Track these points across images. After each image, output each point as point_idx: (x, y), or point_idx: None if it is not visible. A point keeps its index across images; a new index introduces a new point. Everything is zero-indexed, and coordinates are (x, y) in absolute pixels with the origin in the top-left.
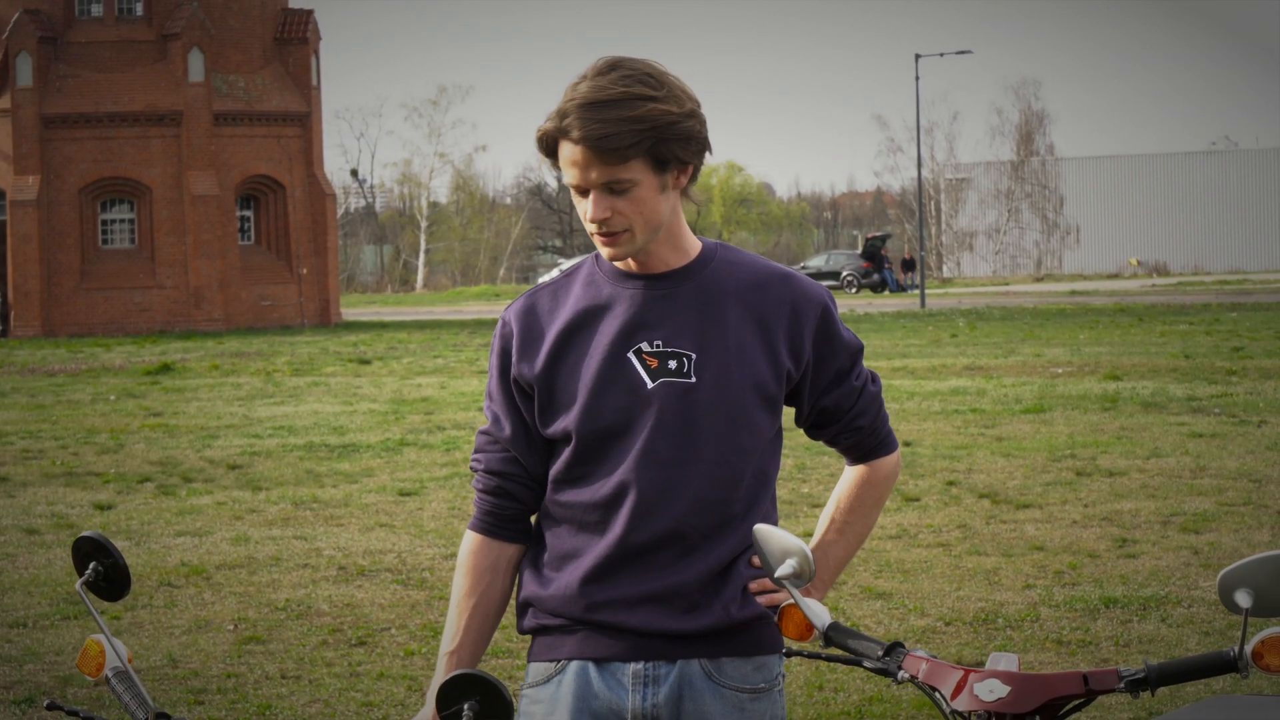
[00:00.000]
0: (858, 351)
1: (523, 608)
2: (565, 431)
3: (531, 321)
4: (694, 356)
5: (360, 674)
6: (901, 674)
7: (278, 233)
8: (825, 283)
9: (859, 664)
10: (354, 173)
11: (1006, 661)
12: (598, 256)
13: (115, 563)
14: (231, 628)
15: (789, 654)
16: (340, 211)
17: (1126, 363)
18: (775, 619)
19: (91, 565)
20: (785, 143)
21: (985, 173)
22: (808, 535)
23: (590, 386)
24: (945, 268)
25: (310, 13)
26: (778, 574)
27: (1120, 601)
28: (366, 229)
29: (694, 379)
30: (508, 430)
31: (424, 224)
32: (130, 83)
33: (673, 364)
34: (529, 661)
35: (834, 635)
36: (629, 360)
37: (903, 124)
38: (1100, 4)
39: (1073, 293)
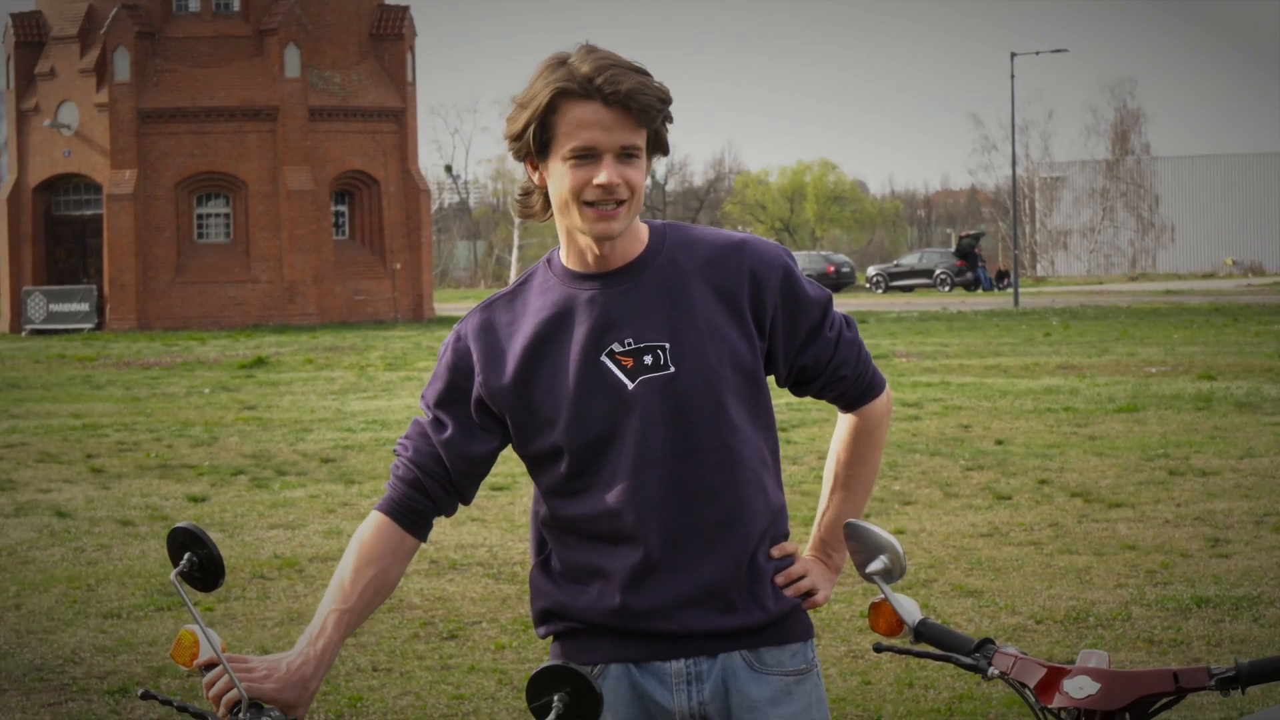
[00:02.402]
0: (827, 302)
1: (545, 616)
2: (554, 447)
3: (491, 339)
4: (668, 346)
5: (451, 667)
6: (991, 670)
7: (372, 228)
8: (918, 281)
9: (949, 660)
10: (448, 169)
11: (1097, 659)
12: (549, 261)
13: (210, 553)
14: None
15: (879, 649)
16: (434, 207)
17: (1221, 362)
18: (817, 600)
19: (186, 556)
20: (879, 141)
21: (1080, 171)
22: (900, 533)
23: (572, 398)
24: (1039, 266)
25: (406, 8)
26: (869, 570)
27: (1212, 601)
28: (460, 225)
29: (672, 369)
30: (448, 434)
31: (517, 220)
32: (226, 78)
33: (648, 359)
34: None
35: (924, 631)
36: (604, 364)
37: (997, 122)
38: (1196, 2)
39: (1167, 292)
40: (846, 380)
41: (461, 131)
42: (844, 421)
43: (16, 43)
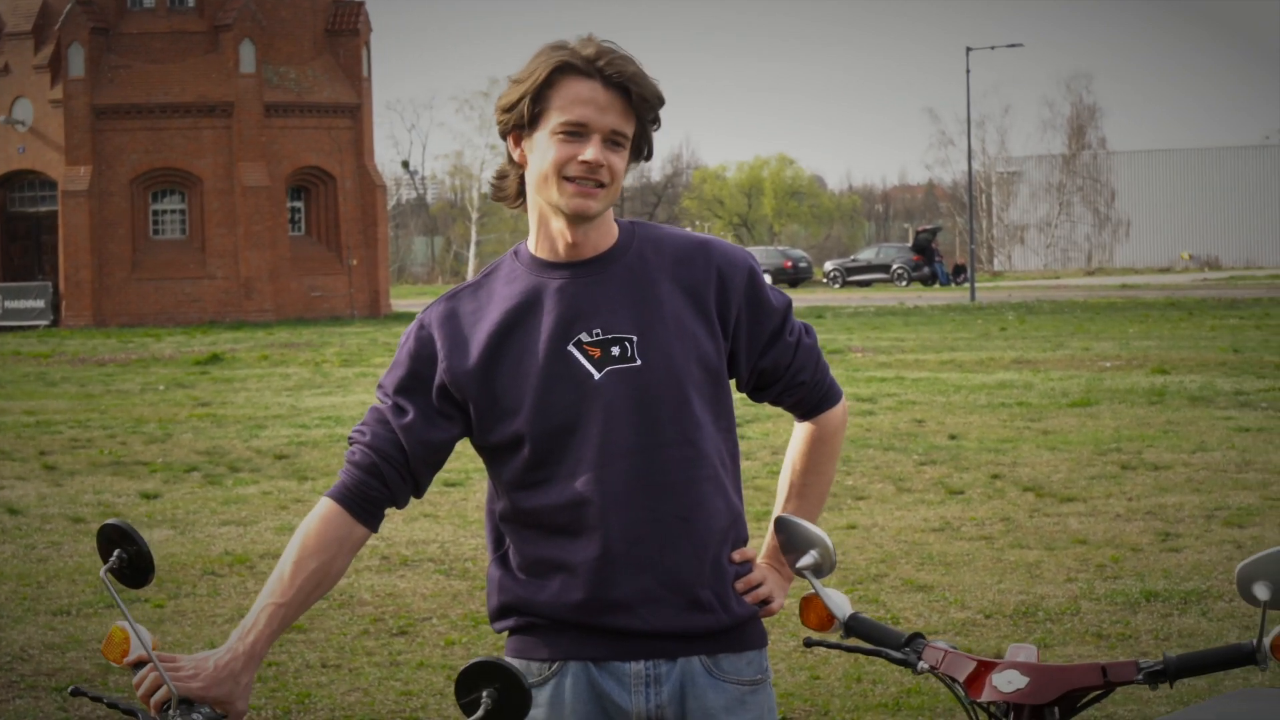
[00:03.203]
0: (787, 308)
1: (504, 611)
2: (515, 435)
3: (455, 327)
4: (635, 339)
5: (400, 663)
6: (921, 664)
7: (328, 224)
8: (875, 275)
9: (879, 654)
10: (405, 164)
11: (1025, 653)
12: (516, 251)
13: (140, 550)
14: None
15: (810, 644)
16: (391, 203)
17: (1175, 357)
18: (772, 609)
19: (116, 553)
20: (837, 135)
21: (1036, 166)
22: (852, 528)
23: (536, 386)
24: (996, 261)
25: (361, 4)
26: (799, 565)
27: (1161, 595)
28: (417, 220)
29: (639, 362)
30: (409, 419)
31: (475, 216)
32: (182, 74)
33: (615, 350)
34: (509, 656)
35: (854, 625)
36: (570, 354)
37: (954, 117)
38: None
39: (1123, 286)
40: (805, 386)
41: (418, 127)
42: (800, 430)
43: None
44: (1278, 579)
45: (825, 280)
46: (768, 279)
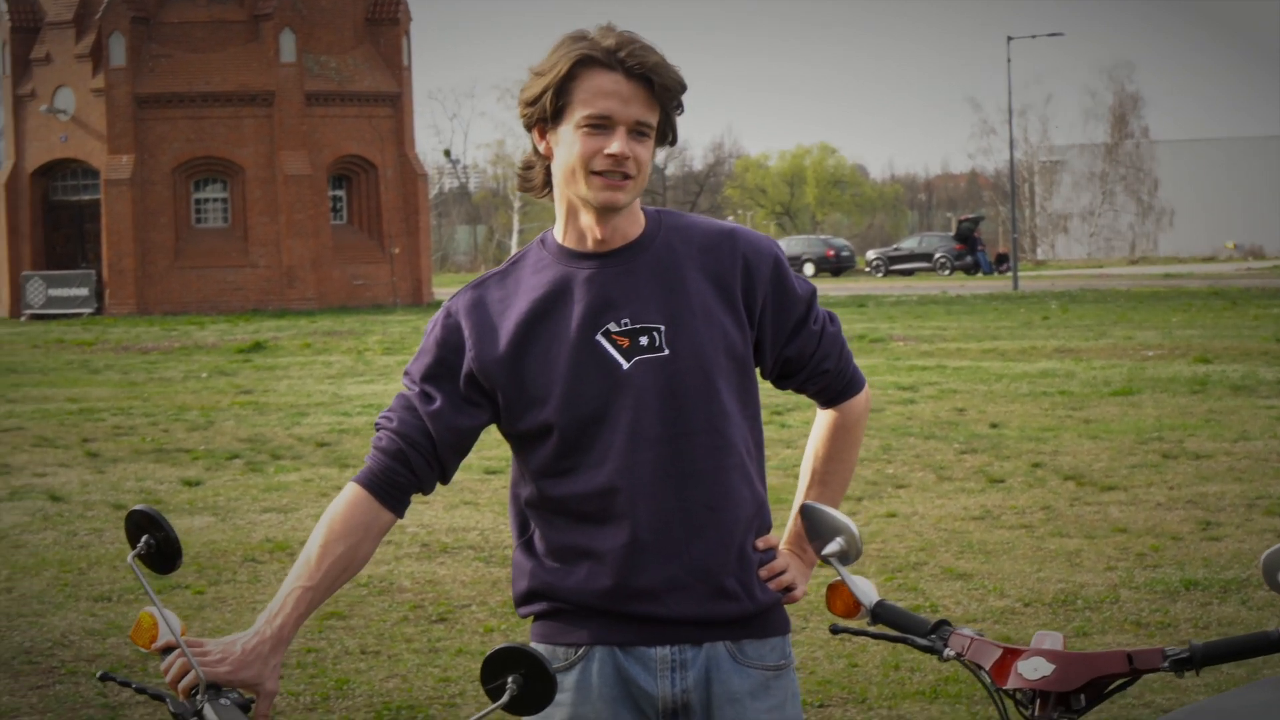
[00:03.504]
0: (812, 296)
1: (530, 597)
2: (544, 424)
3: (483, 315)
4: (663, 329)
5: (439, 650)
6: (947, 652)
7: (370, 212)
8: (917, 264)
9: (905, 641)
10: (447, 153)
11: (1051, 640)
12: (543, 240)
13: (167, 536)
14: None
15: (836, 630)
16: (434, 192)
17: (1218, 346)
18: (794, 596)
19: (143, 538)
20: (879, 125)
21: (1079, 155)
22: (892, 516)
23: (565, 375)
24: (1039, 250)
25: None
26: (825, 552)
27: (1201, 584)
28: (460, 209)
29: (667, 351)
30: (436, 406)
31: (517, 204)
32: (222, 63)
33: (644, 340)
34: (535, 642)
35: (881, 612)
36: (599, 343)
37: (996, 106)
38: None
39: (1166, 276)
40: (829, 374)
41: (460, 116)
42: (823, 417)
43: (12, 28)
44: None
45: (868, 269)
46: (810, 268)
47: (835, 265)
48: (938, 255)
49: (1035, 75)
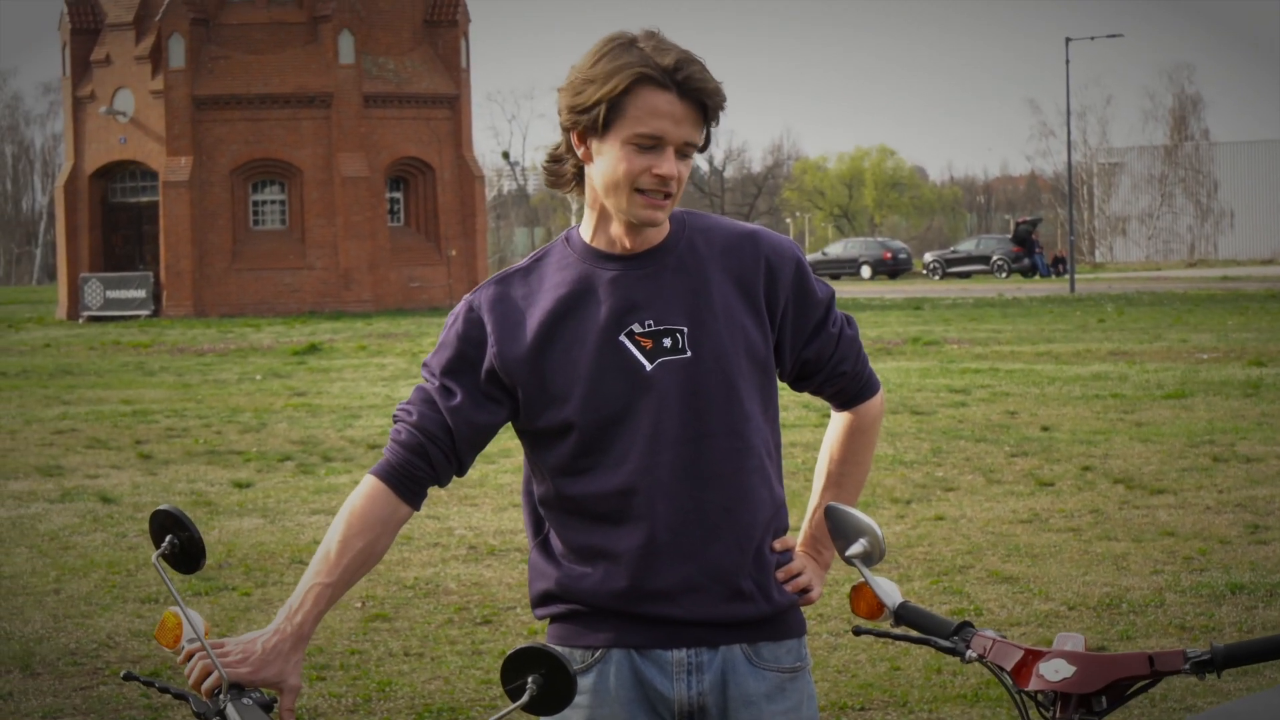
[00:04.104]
0: (831, 299)
1: (546, 598)
2: (564, 423)
3: (507, 310)
4: (686, 330)
5: (483, 652)
6: (969, 653)
7: (427, 214)
8: (974, 267)
9: (928, 643)
10: (505, 155)
11: (1073, 642)
12: (568, 238)
13: (191, 536)
14: (359, 605)
15: (859, 632)
16: (492, 194)
17: (1273, 349)
18: (811, 598)
19: (168, 538)
20: (938, 127)
21: (1138, 157)
22: (940, 519)
23: (588, 375)
24: (1097, 253)
25: None
26: (849, 553)
27: (1247, 588)
28: (518, 211)
29: (690, 353)
30: (456, 401)
31: (575, 207)
32: (281, 65)
33: (667, 342)
34: (550, 643)
35: (904, 614)
36: (623, 344)
37: (1055, 108)
38: None
39: (1224, 278)
40: (846, 376)
41: (519, 118)
42: (838, 420)
43: (72, 30)
44: None
45: (925, 271)
46: (867, 271)
47: (892, 268)
48: (995, 258)
49: (1094, 77)
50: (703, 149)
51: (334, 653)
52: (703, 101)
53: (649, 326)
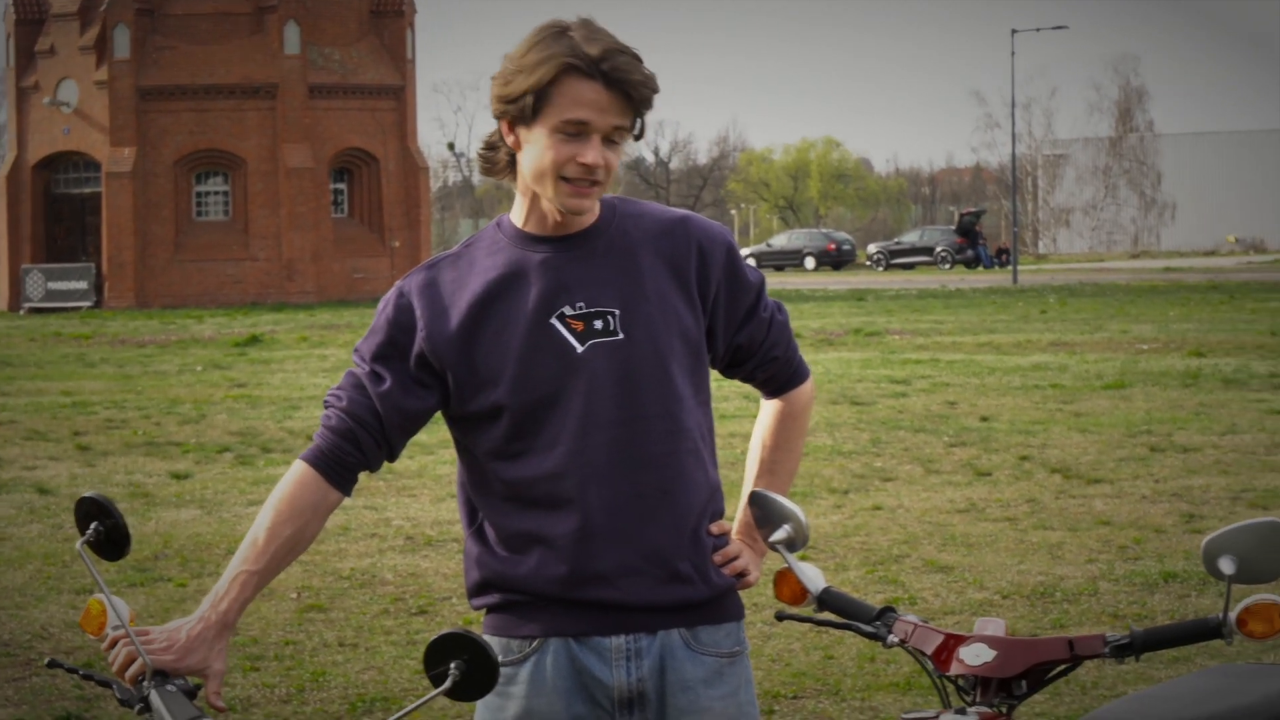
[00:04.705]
0: (761, 284)
1: (482, 587)
2: (495, 406)
3: (436, 296)
4: (618, 313)
5: (418, 642)
6: (890, 638)
7: (371, 206)
8: (918, 258)
9: (850, 628)
10: (451, 146)
11: (994, 626)
12: (499, 223)
13: (116, 523)
14: (294, 596)
15: (783, 617)
16: (437, 185)
17: (1212, 339)
18: (748, 581)
19: (93, 525)
20: (884, 118)
21: (1083, 149)
22: (877, 509)
23: (518, 357)
24: (1041, 244)
25: None
26: (772, 539)
27: (1180, 576)
28: (463, 203)
29: (622, 335)
30: (386, 386)
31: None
32: (226, 55)
33: (598, 324)
34: (488, 634)
35: (827, 599)
36: (553, 326)
37: (1000, 100)
38: None
39: (1167, 270)
40: (778, 362)
41: (464, 109)
42: (769, 407)
43: (17, 20)
44: (1243, 553)
45: (869, 263)
46: (811, 262)
47: (836, 259)
48: (939, 249)
49: (1039, 68)
50: (638, 137)
51: (268, 643)
52: (628, 91)
53: (580, 309)
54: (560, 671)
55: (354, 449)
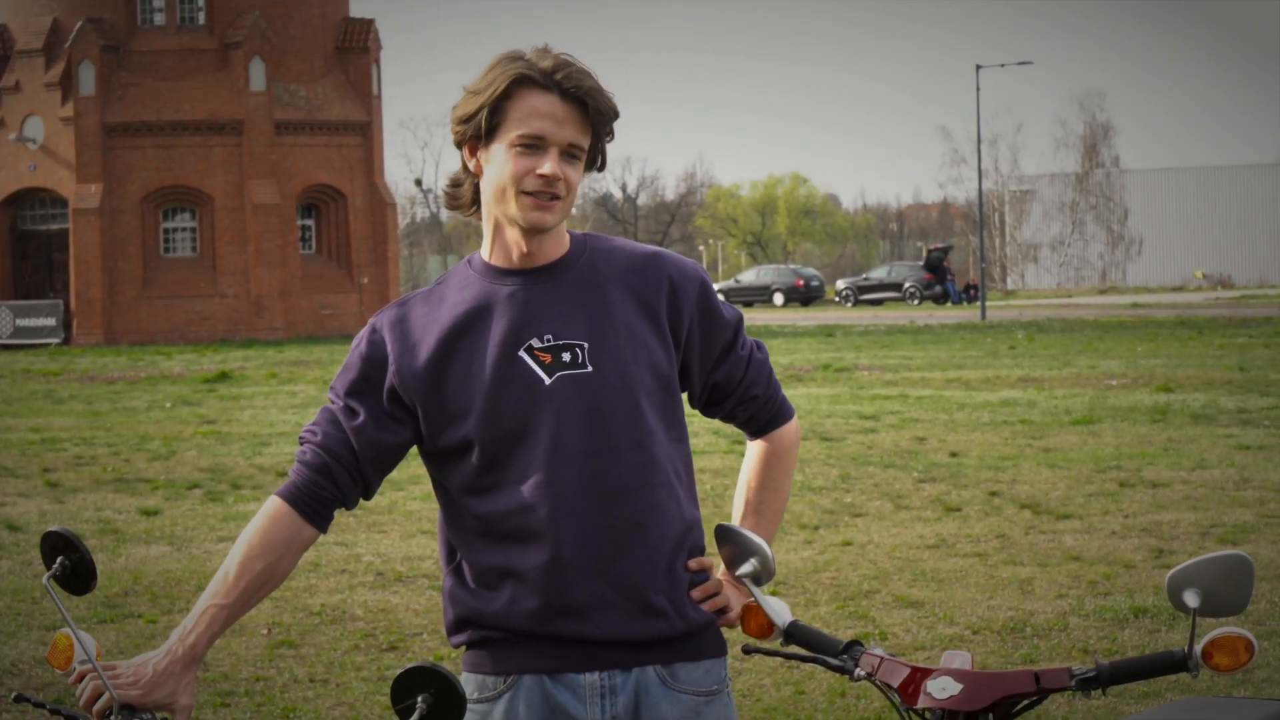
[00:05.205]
0: (739, 322)
1: (459, 625)
2: (464, 440)
3: (407, 331)
4: (586, 346)
5: (388, 678)
6: (857, 671)
7: (339, 242)
8: (887, 294)
9: (817, 661)
10: (418, 182)
11: (960, 659)
12: (470, 260)
13: (82, 558)
14: (265, 632)
15: (750, 651)
16: (405, 221)
17: (1181, 375)
18: (730, 618)
19: (59, 560)
20: (851, 155)
21: (1050, 185)
22: (847, 544)
23: (486, 391)
24: (1009, 280)
25: (371, 22)
26: (738, 573)
27: (1150, 611)
28: (431, 239)
29: (590, 368)
30: (360, 421)
31: None
32: (192, 91)
33: (566, 356)
34: (466, 672)
35: (794, 632)
36: (521, 359)
37: (967, 135)
38: (1164, 15)
39: (1134, 305)
40: (758, 401)
41: (431, 145)
42: (754, 448)
43: None
44: (1207, 586)
45: (837, 299)
46: (779, 298)
47: (805, 295)
48: (907, 285)
49: (1005, 104)
50: (600, 166)
51: (239, 679)
52: (583, 100)
53: (548, 341)
54: (534, 709)
55: (329, 484)
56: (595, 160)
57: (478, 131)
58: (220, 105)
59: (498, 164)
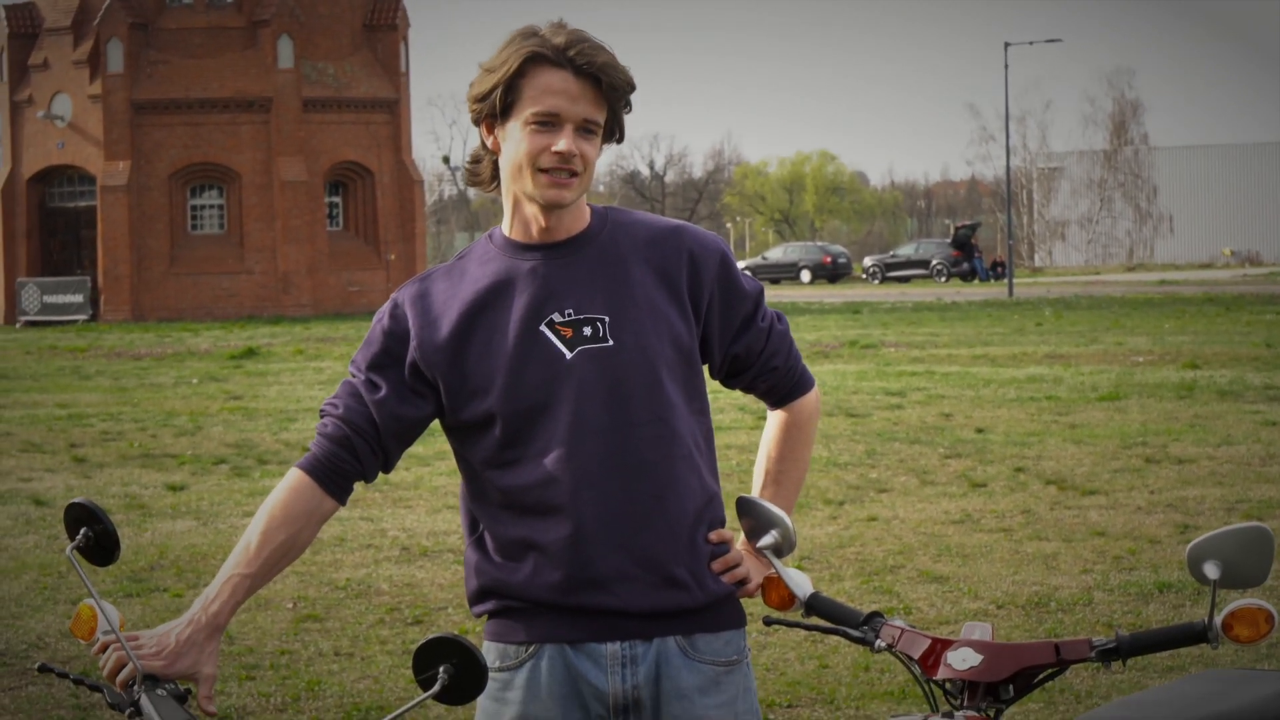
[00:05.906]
0: (759, 294)
1: (481, 595)
2: (486, 414)
3: (427, 306)
4: (607, 320)
5: (412, 651)
6: (878, 643)
7: (366, 219)
8: (914, 271)
9: (838, 633)
10: (446, 160)
11: (981, 631)
12: (491, 235)
13: (105, 529)
14: (290, 606)
15: (770, 622)
16: (433, 199)
17: (1208, 351)
18: (750, 590)
19: (82, 531)
20: (879, 132)
21: (1078, 162)
22: (872, 520)
23: (508, 365)
24: (1037, 257)
25: (399, 0)
26: (759, 545)
27: (1175, 586)
28: (458, 216)
29: (611, 342)
30: (381, 394)
31: None
32: (220, 69)
33: (587, 330)
34: (487, 641)
35: (815, 604)
36: (543, 333)
37: (995, 113)
38: None
39: (1162, 282)
40: (778, 372)
41: (459, 123)
42: (774, 418)
43: (10, 34)
44: (1228, 558)
45: (864, 276)
46: (806, 275)
47: (832, 272)
48: (934, 262)
49: (1034, 81)
50: (618, 139)
51: (264, 652)
52: (597, 76)
53: (569, 315)
54: (556, 677)
55: (350, 456)
56: (613, 133)
57: (493, 110)
58: (248, 83)
59: (514, 142)
